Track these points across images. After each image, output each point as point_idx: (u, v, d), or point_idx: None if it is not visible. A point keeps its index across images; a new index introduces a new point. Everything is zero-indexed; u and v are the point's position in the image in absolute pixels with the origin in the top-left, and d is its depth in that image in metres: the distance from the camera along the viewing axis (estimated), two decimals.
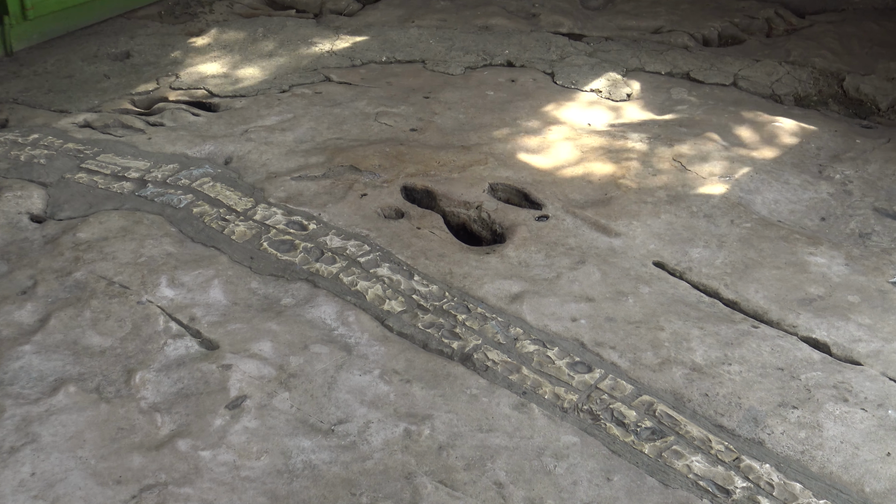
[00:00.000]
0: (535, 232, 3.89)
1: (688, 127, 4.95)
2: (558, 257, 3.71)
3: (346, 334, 3.17)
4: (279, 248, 3.67)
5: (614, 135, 4.88)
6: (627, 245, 3.82)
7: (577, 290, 3.47)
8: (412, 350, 3.11)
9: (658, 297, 3.45)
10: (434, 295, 3.40)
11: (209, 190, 4.09)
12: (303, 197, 4.08)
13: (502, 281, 3.51)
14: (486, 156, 4.54)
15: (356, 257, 3.63)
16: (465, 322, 3.25)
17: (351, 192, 4.14)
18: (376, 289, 3.43)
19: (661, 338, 3.20)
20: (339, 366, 3.00)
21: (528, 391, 2.94)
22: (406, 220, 3.97)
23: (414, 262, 3.62)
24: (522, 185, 4.27)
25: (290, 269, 3.56)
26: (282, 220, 3.87)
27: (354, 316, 3.26)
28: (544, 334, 3.21)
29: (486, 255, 3.70)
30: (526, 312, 3.32)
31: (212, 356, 3.02)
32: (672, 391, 2.96)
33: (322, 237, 3.78)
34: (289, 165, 4.38)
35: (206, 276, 3.47)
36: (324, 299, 3.35)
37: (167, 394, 2.85)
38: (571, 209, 4.07)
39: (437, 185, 4.23)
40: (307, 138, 4.69)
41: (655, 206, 4.13)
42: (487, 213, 4.05)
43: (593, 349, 3.13)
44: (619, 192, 4.23)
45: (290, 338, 3.13)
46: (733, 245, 3.83)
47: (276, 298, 3.35)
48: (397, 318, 3.28)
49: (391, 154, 4.51)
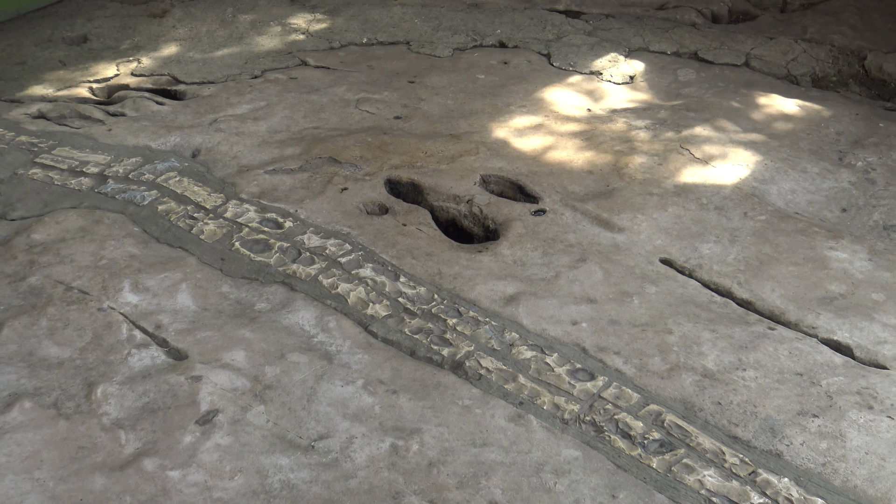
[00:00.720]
0: (531, 228, 3.85)
1: (696, 111, 4.92)
2: (557, 255, 3.68)
3: (327, 342, 3.17)
4: (252, 249, 3.65)
5: (617, 121, 4.85)
6: (632, 241, 3.79)
7: (578, 291, 3.46)
8: (398, 358, 3.11)
9: (666, 298, 3.43)
10: (422, 298, 3.39)
11: (175, 185, 4.08)
12: (278, 192, 4.04)
13: (496, 281, 3.50)
14: (478, 145, 4.51)
15: (336, 257, 3.60)
16: (455, 327, 3.24)
17: (330, 186, 4.11)
18: (359, 292, 3.41)
19: (670, 342, 3.19)
20: (320, 376, 2.99)
21: (525, 401, 2.93)
22: (390, 216, 3.93)
23: (399, 262, 3.60)
24: (517, 177, 4.24)
25: (264, 270, 3.54)
26: (255, 218, 3.84)
27: (335, 321, 3.25)
28: (542, 339, 3.21)
29: (479, 253, 3.68)
30: (522, 315, 3.31)
31: (180, 367, 3.01)
32: (682, 400, 2.96)
33: (299, 236, 3.74)
34: (262, 158, 4.34)
35: (173, 279, 3.46)
36: (302, 304, 3.34)
37: (132, 409, 2.84)
38: (570, 202, 4.04)
39: (423, 177, 4.20)
40: (282, 128, 4.67)
41: (662, 198, 4.09)
42: (479, 208, 4.02)
43: (596, 355, 3.13)
44: (623, 183, 4.20)
45: (265, 346, 3.12)
46: (747, 240, 3.81)
47: (250, 303, 3.35)
48: (382, 323, 3.27)
49: (374, 144, 4.48)
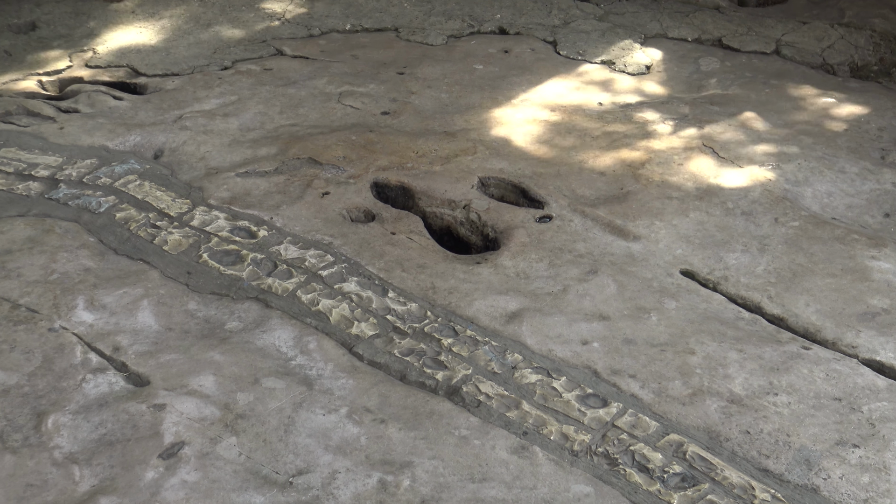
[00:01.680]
0: (535, 236, 3.83)
1: (721, 105, 4.91)
2: (565, 266, 3.67)
3: (306, 365, 3.17)
4: (222, 261, 3.64)
5: (631, 116, 4.84)
6: (649, 250, 3.79)
7: (589, 307, 3.46)
8: (387, 383, 3.10)
9: (687, 314, 3.43)
10: (413, 315, 3.39)
11: (135, 190, 4.07)
12: (250, 197, 4.03)
13: (496, 296, 3.50)
14: (475, 144, 4.49)
15: (317, 270, 3.60)
16: (451, 347, 3.24)
17: (309, 190, 4.10)
18: (342, 308, 3.41)
19: (692, 363, 3.19)
20: (298, 404, 2.99)
21: (529, 431, 2.93)
22: (378, 223, 3.91)
23: (388, 276, 3.59)
24: (520, 179, 4.22)
25: (235, 285, 3.53)
26: (225, 227, 3.83)
27: (316, 342, 3.26)
28: (549, 361, 3.21)
29: (477, 265, 3.68)
30: (526, 335, 3.31)
31: (141, 394, 3.00)
32: (706, 428, 2.95)
33: (275, 246, 3.73)
34: (233, 159, 4.34)
35: (133, 295, 3.45)
36: (278, 322, 3.34)
37: (87, 441, 2.82)
38: (580, 207, 4.02)
39: (415, 180, 4.18)
40: (255, 125, 4.66)
41: (683, 202, 4.07)
42: (477, 214, 4.01)
43: (609, 378, 3.13)
44: (639, 185, 4.19)
45: (237, 370, 3.12)
46: (778, 248, 3.80)
47: (220, 322, 3.35)
48: (368, 343, 3.27)
49: (358, 143, 4.45)
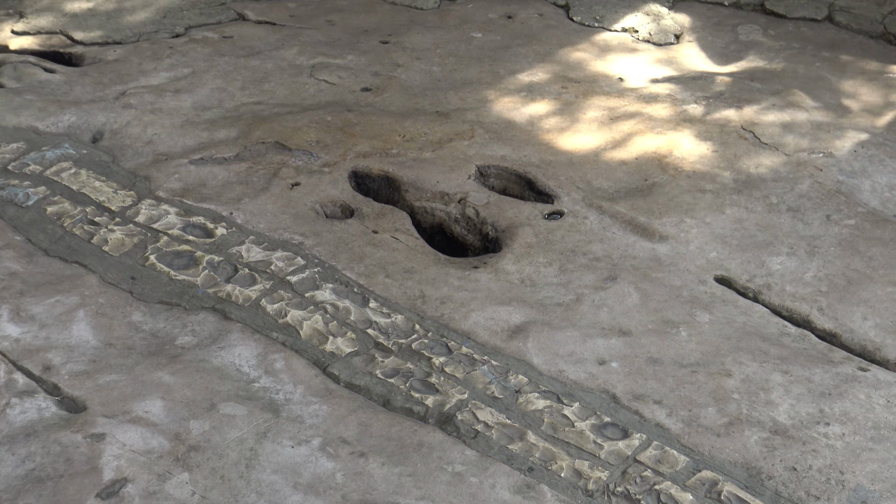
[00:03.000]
0: (544, 235, 3.83)
1: (763, 81, 4.92)
2: (578, 272, 3.69)
3: (272, 387, 3.18)
4: (173, 264, 3.66)
5: (657, 94, 4.84)
6: (678, 253, 3.80)
7: (606, 320, 3.47)
8: (368, 409, 3.10)
9: (723, 329, 3.45)
10: (399, 329, 3.40)
11: (70, 180, 4.07)
12: (207, 189, 4.03)
13: (497, 307, 3.51)
14: (473, 126, 4.49)
15: (285, 275, 3.61)
16: (443, 368, 3.24)
17: (276, 180, 4.10)
18: (315, 321, 3.42)
19: (729, 387, 3.20)
20: (262, 434, 2.98)
21: (535, 467, 2.93)
22: (357, 220, 3.92)
23: (369, 282, 3.60)
24: (525, 168, 4.22)
25: (188, 293, 3.54)
26: (177, 223, 3.84)
27: (283, 360, 3.28)
28: (559, 384, 3.21)
29: (474, 269, 3.69)
30: (532, 352, 3.33)
31: (76, 422, 2.98)
32: (745, 464, 2.96)
33: (235, 247, 3.74)
34: (186, 143, 4.34)
35: (68, 305, 3.45)
36: (239, 337, 3.36)
37: (11, 478, 2.79)
38: (596, 202, 4.03)
39: (401, 169, 4.18)
40: (212, 103, 4.67)
41: (718, 195, 4.08)
42: (475, 209, 4.01)
43: (630, 405, 3.15)
44: (666, 176, 4.19)
45: (189, 394, 3.12)
46: (830, 251, 3.81)
47: (170, 337, 3.36)
48: (345, 363, 3.27)
49: (335, 125, 4.46)
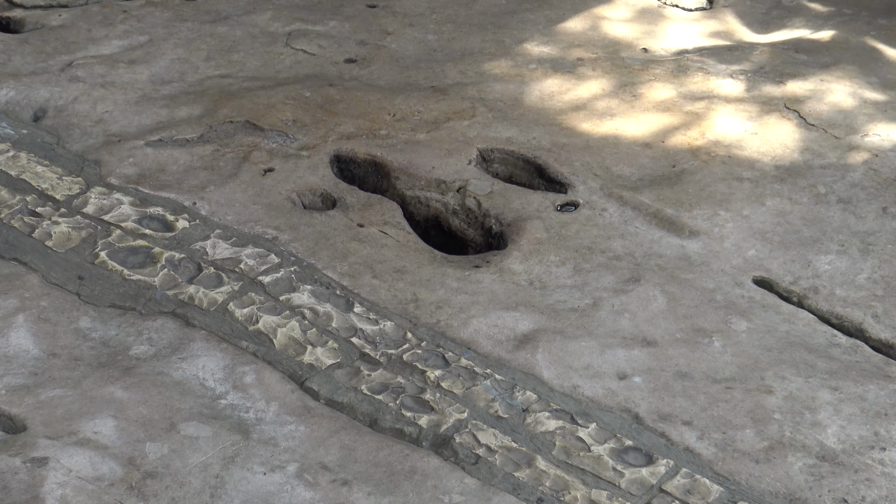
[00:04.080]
0: (556, 230, 3.80)
1: (810, 53, 4.89)
2: (596, 272, 3.65)
3: (241, 404, 3.13)
4: (127, 262, 3.61)
5: (687, 67, 4.85)
6: (711, 251, 3.76)
7: (628, 328, 3.43)
8: (352, 430, 3.05)
9: (762, 338, 3.41)
10: (388, 337, 3.36)
11: (8, 164, 4.03)
12: (166, 175, 3.98)
13: (502, 313, 3.46)
14: (474, 103, 4.45)
15: (257, 275, 3.56)
16: (440, 382, 3.20)
17: (247, 165, 4.07)
18: (291, 328, 3.38)
19: (769, 406, 3.15)
20: (230, 458, 2.92)
21: (546, 497, 2.87)
22: (340, 211, 3.88)
23: (354, 283, 3.55)
24: (535, 153, 4.18)
25: (145, 295, 3.50)
26: (131, 215, 3.78)
27: (254, 374, 3.22)
28: (573, 402, 3.16)
29: (476, 269, 3.66)
30: (542, 365, 3.28)
31: (15, 444, 2.92)
32: (787, 494, 2.90)
33: (199, 242, 3.70)
34: (142, 122, 4.29)
35: (5, 309, 3.41)
36: (203, 346, 3.31)
37: None
38: (617, 191, 4.00)
39: (391, 152, 4.14)
40: (173, 76, 4.64)
41: (757, 184, 4.04)
42: (476, 200, 3.98)
43: (655, 426, 3.10)
44: (697, 162, 4.16)
45: (145, 412, 3.06)
46: (887, 249, 3.78)
47: (123, 346, 3.30)
48: (326, 376, 3.22)
49: (314, 102, 4.43)
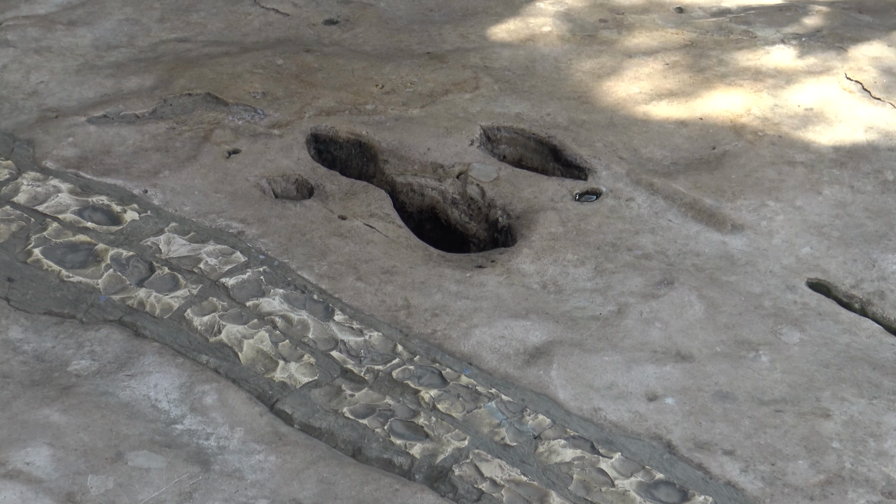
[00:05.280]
0: (574, 224, 3.78)
1: (875, 14, 4.94)
2: (621, 273, 3.64)
3: (201, 430, 3.08)
4: (66, 261, 3.58)
5: (730, 30, 4.82)
6: (758, 248, 3.76)
7: (659, 340, 3.40)
8: (332, 460, 3.02)
9: (818, 352, 3.38)
10: (375, 350, 3.34)
11: None
12: (113, 157, 3.98)
13: (510, 321, 3.42)
14: (477, 73, 4.47)
15: (219, 277, 3.54)
16: (435, 404, 3.16)
17: (208, 146, 4.05)
18: (259, 340, 3.35)
19: (826, 432, 3.11)
20: (187, 494, 2.91)
21: None
22: (318, 201, 3.87)
23: (334, 286, 3.53)
24: (549, 131, 4.15)
25: (87, 301, 3.48)
26: (71, 205, 3.76)
27: (216, 394, 3.18)
28: (593, 427, 3.13)
29: (479, 269, 3.65)
30: (557, 384, 3.23)
31: None
32: None
33: (151, 237, 3.69)
34: (84, 95, 4.29)
35: None
36: (155, 361, 3.27)
37: None
38: (646, 178, 3.97)
39: (378, 131, 4.14)
40: (120, 41, 4.64)
41: (812, 169, 4.03)
42: (480, 187, 3.94)
43: (691, 456, 3.05)
44: (742, 142, 4.15)
45: (87, 439, 3.01)
46: None
47: (61, 360, 3.26)
48: (301, 397, 3.19)
49: (288, 71, 4.45)
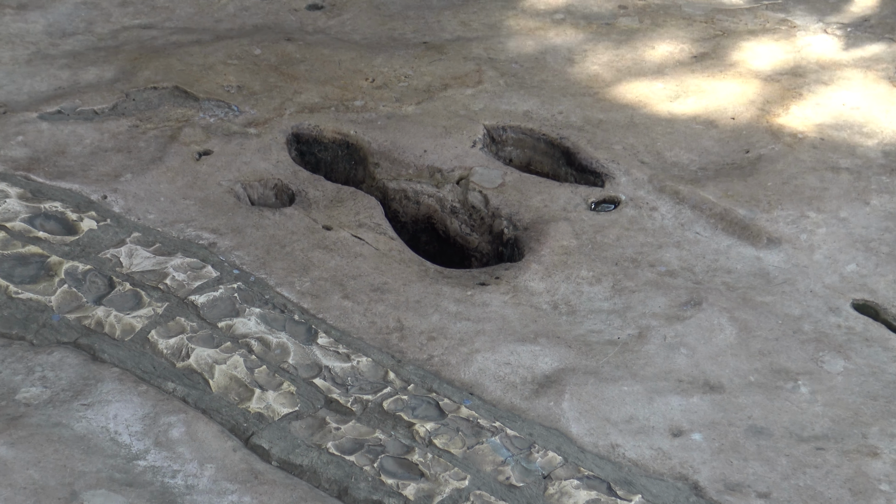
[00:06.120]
0: (589, 236, 3.76)
1: None
2: (642, 293, 3.59)
3: (166, 467, 3.02)
4: (14, 276, 3.56)
5: (765, 19, 4.89)
6: (797, 265, 3.74)
7: (685, 368, 3.35)
8: (314, 502, 2.97)
9: (865, 382, 3.34)
10: (363, 378, 3.29)
11: None
12: (67, 158, 4.01)
13: (516, 346, 3.37)
14: (480, 65, 4.51)
15: (188, 294, 3.49)
16: (432, 439, 3.11)
17: (176, 146, 4.04)
18: (233, 365, 3.30)
19: (873, 473, 3.06)
20: None
21: None
22: (300, 209, 3.86)
23: (318, 306, 3.48)
24: (562, 132, 4.15)
25: (38, 320, 3.45)
26: (20, 212, 3.77)
27: (184, 426, 3.13)
28: (611, 466, 3.07)
29: (481, 287, 3.61)
30: (570, 417, 3.19)
31: None
32: None
33: (111, 249, 3.64)
34: (36, 88, 4.35)
35: None
36: (115, 388, 3.21)
37: None
38: (671, 184, 3.95)
39: (368, 130, 4.14)
40: (77, 26, 4.73)
41: (859, 176, 4.02)
42: (483, 195, 3.93)
43: (721, 499, 2.98)
44: (779, 145, 4.15)
45: (37, 476, 2.97)
46: None
47: (8, 387, 3.24)
48: (280, 430, 3.14)
49: (266, 62, 4.51)
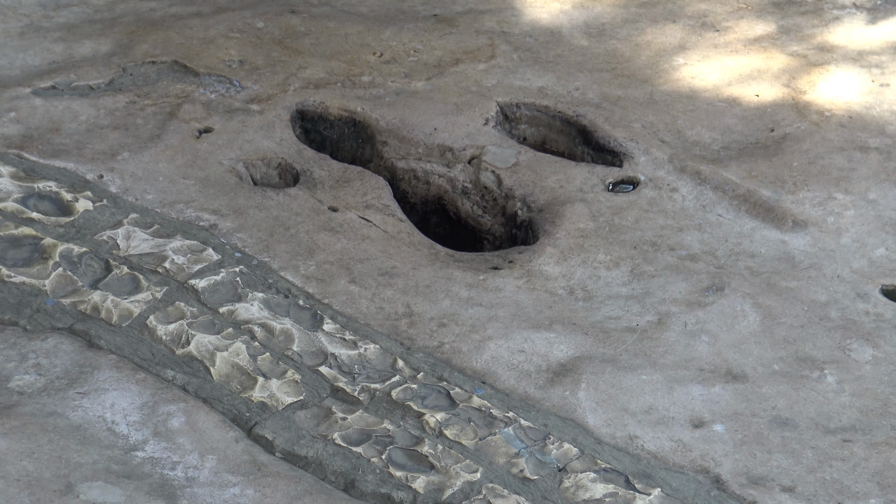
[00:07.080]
0: (606, 218, 3.73)
1: None
2: (661, 277, 3.56)
3: (165, 458, 2.99)
4: (7, 259, 3.53)
5: None
6: (823, 249, 3.71)
7: (707, 356, 3.31)
8: (319, 494, 2.92)
9: (894, 371, 3.33)
10: (371, 366, 3.24)
11: None
12: (62, 136, 3.98)
13: (530, 333, 3.33)
14: (493, 39, 4.51)
15: (188, 279, 3.44)
16: (442, 429, 3.06)
17: (175, 124, 4.02)
18: (235, 352, 3.25)
19: None
20: None
21: None
22: (305, 189, 3.83)
23: (323, 290, 3.44)
24: (578, 109, 4.14)
25: (31, 305, 3.42)
26: (13, 192, 3.73)
27: (184, 415, 3.08)
28: (629, 458, 3.04)
29: (494, 271, 3.57)
30: (586, 407, 3.15)
31: None
32: None
33: (108, 231, 3.60)
34: (28, 62, 4.36)
35: None
36: (112, 376, 3.16)
37: None
38: (692, 164, 3.93)
39: (376, 107, 4.13)
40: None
41: (888, 157, 4.00)
42: (496, 175, 3.91)
43: (743, 493, 2.95)
44: (805, 124, 4.14)
45: (31, 467, 2.94)
46: None
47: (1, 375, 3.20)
48: (284, 420, 3.11)
49: (269, 36, 4.51)
